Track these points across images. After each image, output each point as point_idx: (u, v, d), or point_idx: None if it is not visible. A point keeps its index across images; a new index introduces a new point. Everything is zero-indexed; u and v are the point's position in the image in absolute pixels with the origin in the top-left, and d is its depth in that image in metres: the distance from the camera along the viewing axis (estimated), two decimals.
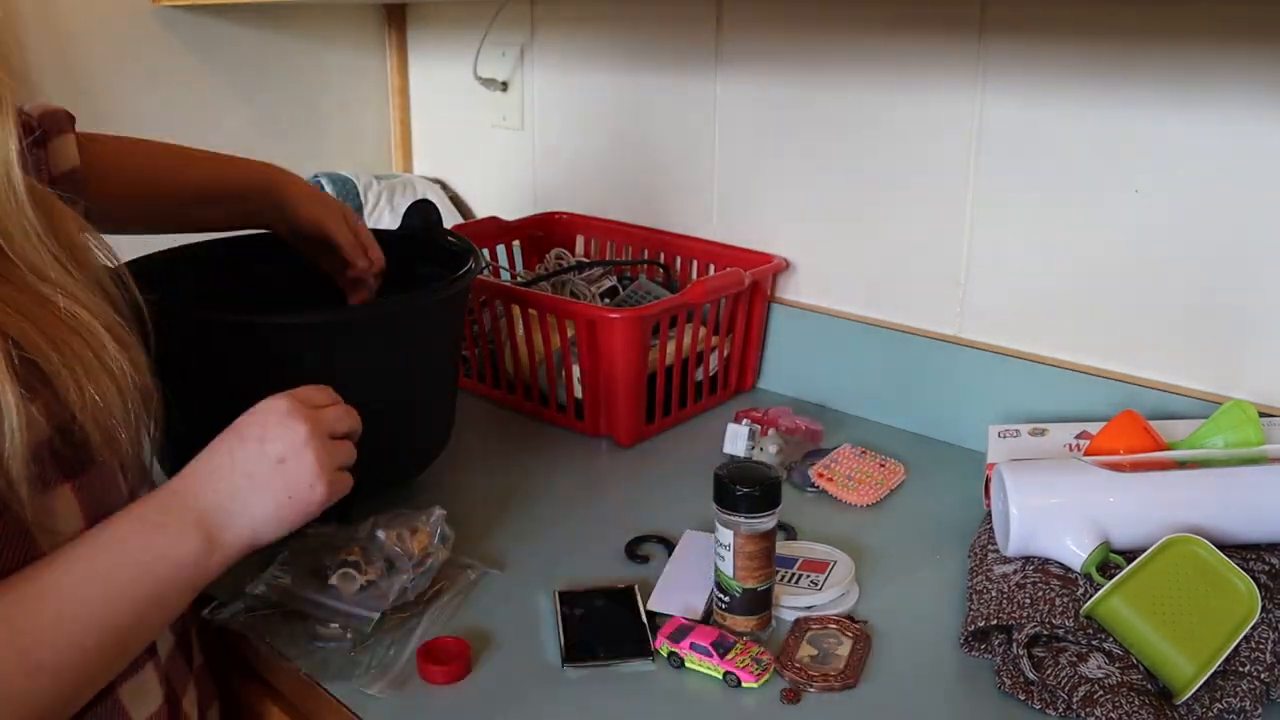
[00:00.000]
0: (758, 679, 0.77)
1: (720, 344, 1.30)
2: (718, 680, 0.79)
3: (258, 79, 1.67)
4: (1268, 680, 0.74)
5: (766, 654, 0.80)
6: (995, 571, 0.87)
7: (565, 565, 0.95)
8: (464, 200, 1.81)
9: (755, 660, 0.79)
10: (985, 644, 0.82)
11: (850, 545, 0.96)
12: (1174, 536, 0.79)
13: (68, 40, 1.46)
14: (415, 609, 0.86)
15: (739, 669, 0.78)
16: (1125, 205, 1.04)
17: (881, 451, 1.15)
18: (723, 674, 0.79)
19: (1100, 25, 1.01)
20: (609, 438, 1.21)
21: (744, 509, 0.81)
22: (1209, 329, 1.02)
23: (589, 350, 1.16)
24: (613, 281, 1.42)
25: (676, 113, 1.41)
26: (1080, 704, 0.72)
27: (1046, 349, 1.13)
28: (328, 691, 0.79)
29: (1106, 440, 0.94)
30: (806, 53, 1.24)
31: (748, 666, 0.78)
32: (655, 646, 0.81)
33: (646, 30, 1.42)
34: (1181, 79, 0.98)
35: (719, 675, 0.79)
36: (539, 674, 0.80)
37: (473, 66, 1.63)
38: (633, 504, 1.06)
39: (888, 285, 1.24)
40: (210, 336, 0.89)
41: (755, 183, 1.34)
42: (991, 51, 1.09)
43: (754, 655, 0.79)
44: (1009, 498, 0.86)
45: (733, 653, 0.79)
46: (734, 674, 0.78)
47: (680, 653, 0.80)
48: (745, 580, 0.82)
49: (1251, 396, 0.99)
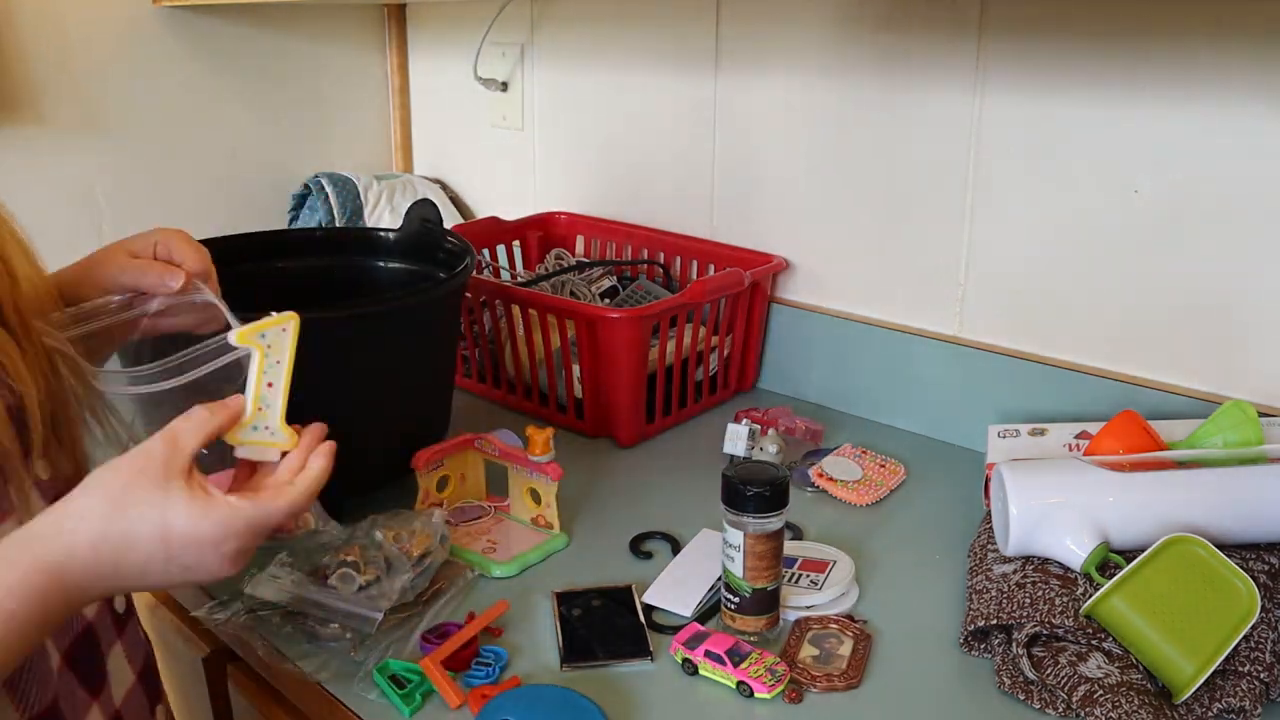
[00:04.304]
0: (771, 690, 0.77)
1: (720, 344, 1.30)
2: (730, 689, 0.78)
3: (258, 79, 1.67)
4: (1267, 680, 0.74)
5: (782, 665, 0.79)
6: (995, 571, 0.87)
7: (564, 565, 0.95)
8: (464, 200, 1.81)
9: (770, 671, 0.78)
10: (985, 643, 0.82)
11: (850, 545, 0.96)
12: (1173, 536, 0.79)
13: (68, 40, 1.46)
14: (415, 609, 0.86)
15: (752, 679, 0.77)
16: (1125, 205, 1.04)
17: (881, 451, 1.15)
18: (736, 683, 0.78)
19: (1100, 25, 1.01)
20: (609, 438, 1.21)
21: (753, 509, 0.81)
22: (1209, 329, 1.02)
23: (589, 350, 1.16)
24: (613, 281, 1.42)
25: (676, 113, 1.41)
26: (1080, 703, 0.72)
27: (1046, 349, 1.13)
28: (328, 691, 0.79)
29: (1106, 440, 0.94)
30: (806, 53, 1.24)
31: (761, 677, 0.77)
32: (670, 652, 0.81)
33: (646, 30, 1.42)
34: (1181, 78, 0.98)
35: (732, 684, 0.78)
36: (538, 674, 0.80)
37: (473, 66, 1.63)
38: (633, 504, 1.06)
39: (888, 285, 1.24)
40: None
41: (755, 183, 1.34)
42: (991, 51, 1.09)
43: (768, 665, 0.78)
44: (1009, 498, 0.86)
45: (747, 662, 0.79)
46: (747, 684, 0.77)
47: (694, 660, 0.80)
48: (755, 580, 0.82)
49: (1251, 396, 0.99)
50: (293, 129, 1.73)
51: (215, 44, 1.61)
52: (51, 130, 1.47)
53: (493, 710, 0.72)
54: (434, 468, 0.99)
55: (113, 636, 0.73)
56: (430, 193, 1.74)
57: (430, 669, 0.77)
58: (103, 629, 0.72)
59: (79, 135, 1.50)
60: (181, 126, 1.60)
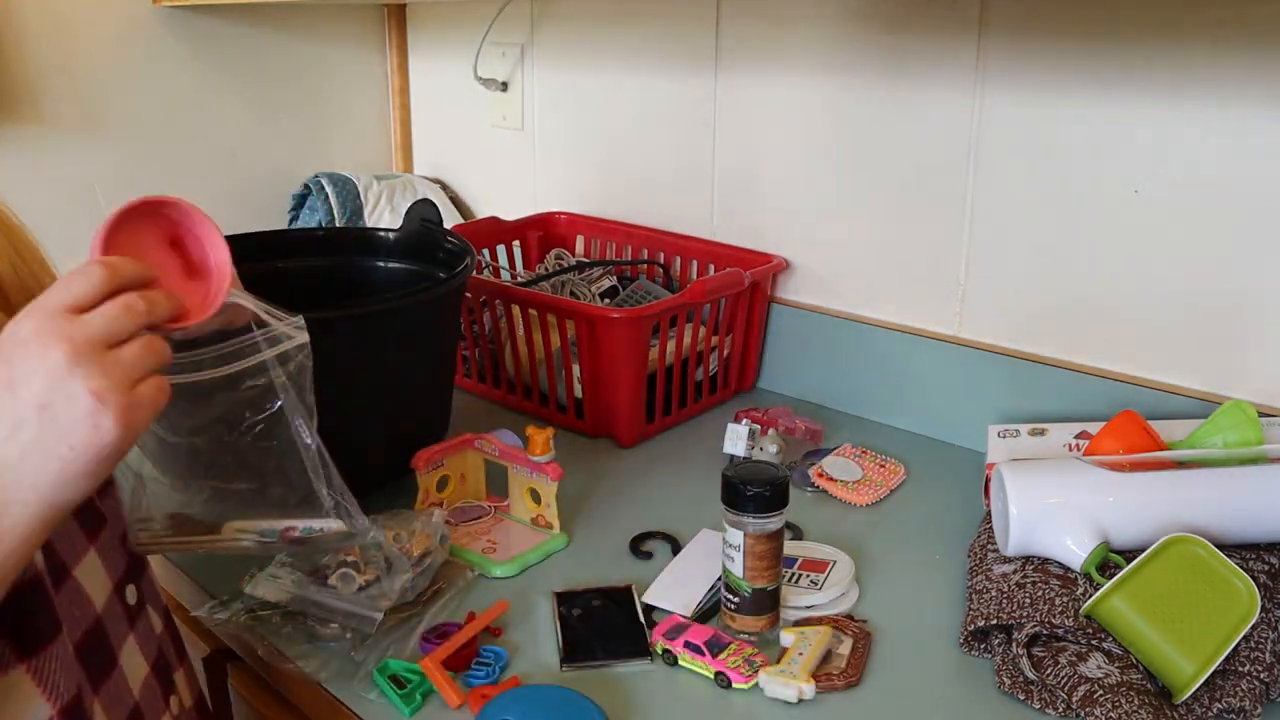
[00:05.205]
0: (748, 680, 0.77)
1: (720, 344, 1.30)
2: (709, 680, 0.79)
3: (258, 79, 1.67)
4: (1267, 680, 0.74)
5: (760, 655, 0.80)
6: (995, 571, 0.87)
7: (564, 565, 0.95)
8: (464, 200, 1.81)
9: (747, 661, 0.79)
10: (985, 643, 0.82)
11: (850, 545, 0.96)
12: (1173, 536, 0.79)
13: (68, 40, 1.46)
14: (415, 609, 0.86)
15: (730, 669, 0.78)
16: (1125, 205, 1.04)
17: (881, 451, 1.15)
18: (714, 674, 0.79)
19: (1100, 25, 1.01)
20: (609, 437, 1.21)
21: (753, 510, 0.81)
22: (1209, 329, 1.02)
23: (589, 350, 1.16)
24: (613, 281, 1.42)
25: (676, 113, 1.41)
26: (1080, 703, 0.72)
27: (1046, 349, 1.13)
28: (328, 691, 0.79)
29: (1106, 440, 0.94)
30: (806, 53, 1.24)
31: (739, 667, 0.78)
32: (650, 644, 0.82)
33: (646, 30, 1.42)
34: (1181, 79, 0.98)
35: (710, 675, 0.79)
36: (538, 674, 0.80)
37: (473, 66, 1.63)
38: (633, 504, 1.06)
39: (888, 285, 1.24)
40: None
41: (755, 183, 1.34)
42: (991, 51, 1.09)
43: (746, 656, 0.79)
44: (1009, 498, 0.86)
45: (725, 653, 0.79)
46: (725, 674, 0.78)
47: (674, 651, 0.80)
48: (755, 580, 0.82)
49: (1251, 396, 0.99)
50: (293, 129, 1.73)
51: (215, 44, 1.61)
52: (51, 130, 1.47)
53: (493, 710, 0.72)
54: (434, 468, 0.99)
55: (125, 629, 0.73)
56: (430, 193, 1.74)
57: (430, 669, 0.77)
58: (111, 620, 0.72)
59: (79, 135, 1.50)
60: (181, 127, 1.60)
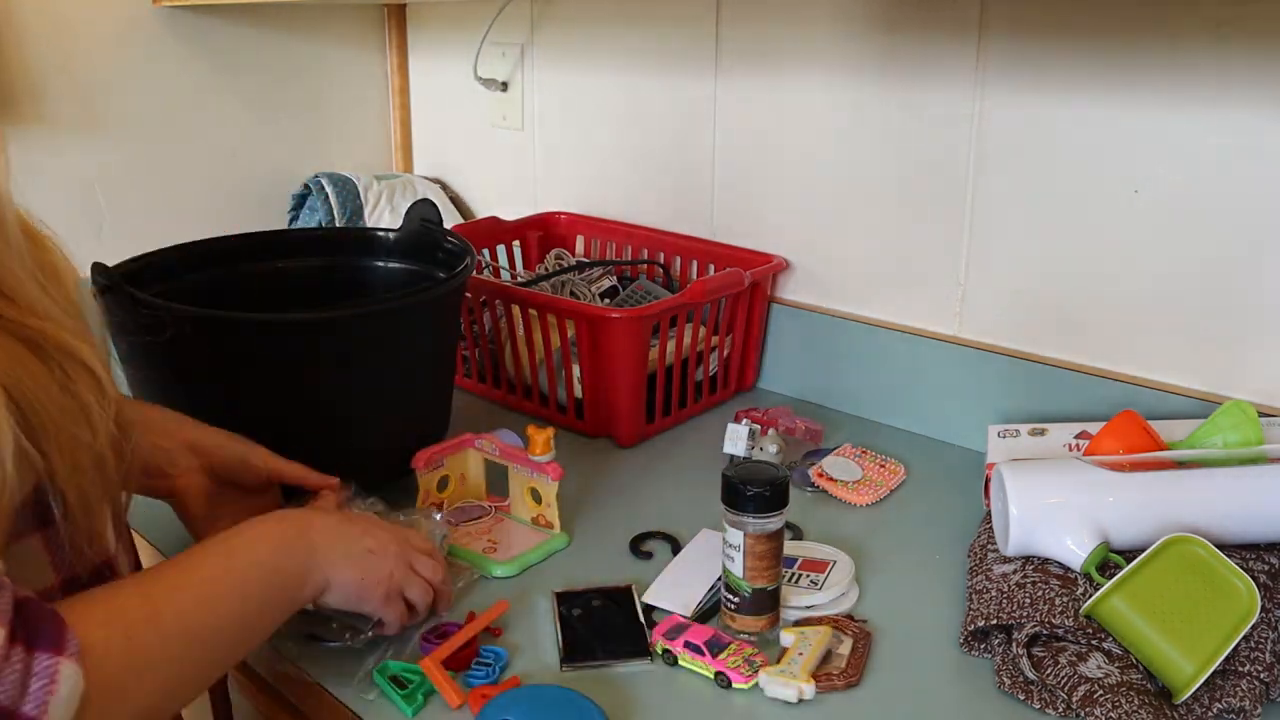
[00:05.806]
0: (748, 680, 0.77)
1: (720, 344, 1.30)
2: (709, 680, 0.79)
3: (258, 79, 1.67)
4: (1267, 680, 0.74)
5: (760, 655, 0.80)
6: (995, 571, 0.87)
7: (564, 565, 0.95)
8: (464, 200, 1.81)
9: (747, 661, 0.79)
10: (985, 643, 0.82)
11: (850, 545, 0.96)
12: (1173, 536, 0.79)
13: (68, 40, 1.46)
14: None
15: (730, 669, 0.78)
16: (1125, 205, 1.04)
17: (881, 451, 1.15)
18: (714, 674, 0.79)
19: (1100, 25, 1.01)
20: (609, 437, 1.21)
21: (753, 509, 0.81)
22: (1208, 329, 1.02)
23: (589, 350, 1.16)
24: (613, 281, 1.42)
25: (676, 113, 1.41)
26: (1080, 703, 0.72)
27: (1046, 349, 1.13)
28: (328, 691, 0.79)
29: (1106, 440, 0.94)
30: (807, 53, 1.24)
31: (739, 667, 0.78)
32: (650, 644, 0.82)
33: (646, 30, 1.42)
34: (1181, 79, 0.98)
35: (710, 675, 0.79)
36: (538, 674, 0.80)
37: (473, 66, 1.63)
38: (633, 504, 1.06)
39: (888, 285, 1.24)
40: (196, 332, 0.89)
41: (755, 183, 1.34)
42: (991, 51, 1.09)
43: (746, 656, 0.79)
44: (1009, 498, 0.86)
45: (725, 653, 0.79)
46: (725, 674, 0.78)
47: (674, 650, 0.80)
48: (755, 580, 0.82)
49: (1251, 396, 0.99)
50: (293, 129, 1.74)
51: (215, 44, 1.61)
52: (52, 129, 1.47)
53: (493, 710, 0.72)
54: (434, 468, 0.99)
55: None
56: (430, 193, 1.74)
57: (430, 669, 0.77)
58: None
59: (79, 135, 1.50)
60: (181, 126, 1.60)
